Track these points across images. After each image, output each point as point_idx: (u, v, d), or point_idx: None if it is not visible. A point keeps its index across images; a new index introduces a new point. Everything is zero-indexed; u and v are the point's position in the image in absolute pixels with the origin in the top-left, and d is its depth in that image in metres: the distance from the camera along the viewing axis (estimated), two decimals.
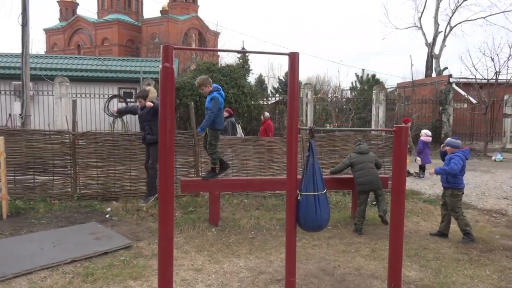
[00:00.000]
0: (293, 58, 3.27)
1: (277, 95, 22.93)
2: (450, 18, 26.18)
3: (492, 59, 16.48)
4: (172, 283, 3.22)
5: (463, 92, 18.04)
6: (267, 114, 12.56)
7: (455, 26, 26.65)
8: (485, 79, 16.53)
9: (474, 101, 17.47)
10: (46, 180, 7.29)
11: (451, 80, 18.57)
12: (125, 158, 7.45)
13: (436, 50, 26.47)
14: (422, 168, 10.64)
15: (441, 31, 26.40)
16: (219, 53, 41.46)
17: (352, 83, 23.40)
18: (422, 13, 27.55)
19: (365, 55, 74.30)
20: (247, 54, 24.82)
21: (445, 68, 26.29)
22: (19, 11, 9.71)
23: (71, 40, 57.88)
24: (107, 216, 6.56)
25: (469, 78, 17.27)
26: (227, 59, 38.69)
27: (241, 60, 24.32)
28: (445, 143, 5.82)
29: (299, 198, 3.41)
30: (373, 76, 22.94)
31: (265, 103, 17.20)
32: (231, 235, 5.73)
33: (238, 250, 5.14)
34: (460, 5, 26.00)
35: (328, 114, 17.48)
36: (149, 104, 5.73)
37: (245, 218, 6.37)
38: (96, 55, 42.62)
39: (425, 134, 10.77)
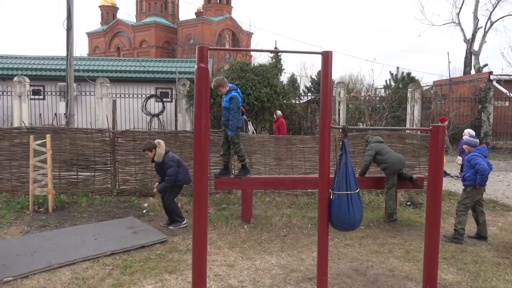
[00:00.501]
0: (326, 57, 3.28)
1: (309, 94, 22.78)
2: (491, 13, 24.97)
3: None
4: (206, 277, 3.32)
5: (504, 90, 17.20)
6: (279, 112, 12.58)
7: (496, 21, 25.39)
8: None
9: None
10: (88, 176, 7.65)
11: (492, 77, 17.75)
12: None
13: (476, 47, 25.33)
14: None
15: (481, 27, 25.23)
16: (252, 53, 41.65)
17: (386, 81, 22.77)
18: (460, 8, 26.34)
19: (400, 53, 72.21)
20: (279, 53, 24.80)
21: (485, 65, 25.10)
22: (64, 16, 10.19)
23: (112, 42, 59.97)
24: (144, 211, 6.81)
25: (511, 75, 16.42)
26: (260, 58, 38.82)
27: (273, 60, 24.32)
28: (463, 142, 5.97)
29: (331, 197, 3.42)
30: (408, 74, 22.27)
31: (297, 102, 17.13)
32: (263, 233, 5.79)
33: (270, 248, 5.20)
34: None
35: (361, 113, 17.17)
36: (155, 191, 6.04)
37: (277, 216, 6.42)
38: (134, 56, 43.92)
39: (468, 134, 10.38)
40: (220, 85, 6.05)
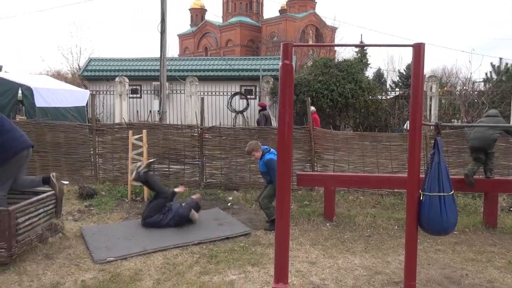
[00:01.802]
0: (418, 50, 3.08)
1: (396, 89, 21.61)
2: None
3: None
4: (288, 272, 3.35)
5: None
6: (313, 108, 11.93)
7: None
8: None
9: None
10: (178, 169, 8.18)
11: None
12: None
13: None
14: None
15: None
16: (336, 48, 40.68)
17: (486, 74, 20.58)
18: None
19: (504, 42, 64.68)
20: (365, 48, 23.89)
21: None
22: (158, 20, 10.99)
23: (200, 43, 63.28)
24: (229, 204, 7.08)
25: None
26: (344, 53, 37.67)
27: (358, 54, 23.55)
28: None
29: (421, 198, 3.22)
30: None
31: (383, 97, 16.37)
32: (346, 232, 5.66)
33: (353, 247, 5.07)
34: None
35: (455, 109, 15.83)
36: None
37: (361, 215, 6.22)
38: (220, 55, 45.84)
39: None
40: (254, 150, 5.86)
